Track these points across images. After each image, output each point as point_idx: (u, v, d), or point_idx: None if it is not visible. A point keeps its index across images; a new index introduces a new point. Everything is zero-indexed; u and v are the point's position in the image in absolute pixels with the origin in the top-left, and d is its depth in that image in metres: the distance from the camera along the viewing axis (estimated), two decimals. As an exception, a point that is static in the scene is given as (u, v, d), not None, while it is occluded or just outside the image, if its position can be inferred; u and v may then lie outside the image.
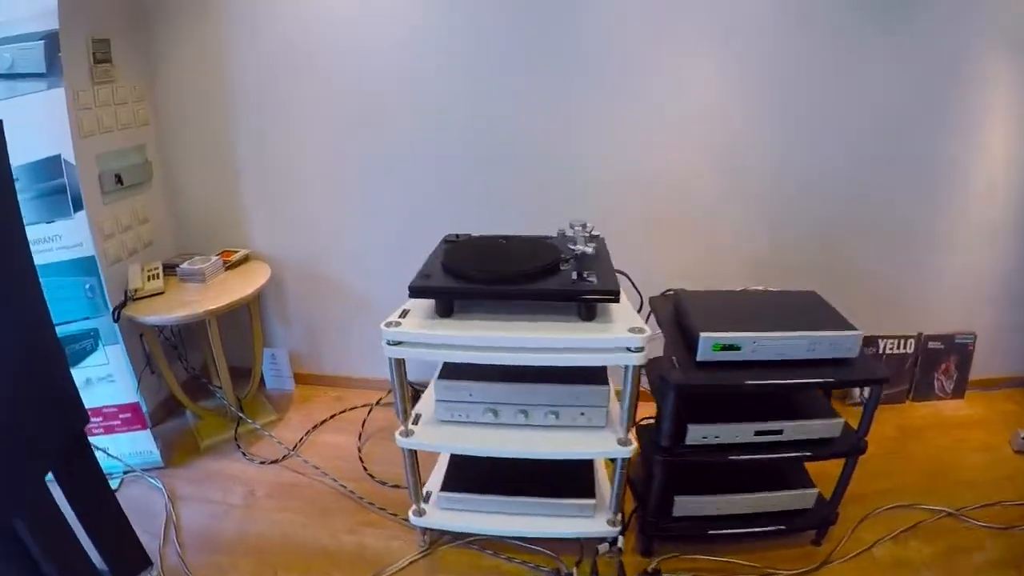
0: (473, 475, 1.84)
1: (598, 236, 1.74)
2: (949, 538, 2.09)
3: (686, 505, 1.83)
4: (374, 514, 2.03)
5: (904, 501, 2.21)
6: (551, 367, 1.51)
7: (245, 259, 2.51)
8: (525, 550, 1.87)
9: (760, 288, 2.07)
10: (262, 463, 2.28)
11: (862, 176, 2.46)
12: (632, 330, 1.47)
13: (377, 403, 2.63)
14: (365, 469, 2.24)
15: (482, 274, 1.49)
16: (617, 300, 1.48)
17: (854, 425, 1.81)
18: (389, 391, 2.66)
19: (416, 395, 2.56)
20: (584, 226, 1.74)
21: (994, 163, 2.51)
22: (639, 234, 2.41)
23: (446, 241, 1.82)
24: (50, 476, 1.38)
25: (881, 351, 2.69)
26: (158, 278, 2.26)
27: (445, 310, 1.51)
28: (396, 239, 2.50)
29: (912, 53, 2.29)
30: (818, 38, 2.26)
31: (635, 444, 1.65)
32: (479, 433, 1.65)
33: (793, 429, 1.76)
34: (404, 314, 1.54)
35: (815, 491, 1.94)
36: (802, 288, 1.97)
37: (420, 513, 1.78)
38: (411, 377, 2.58)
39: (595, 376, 1.64)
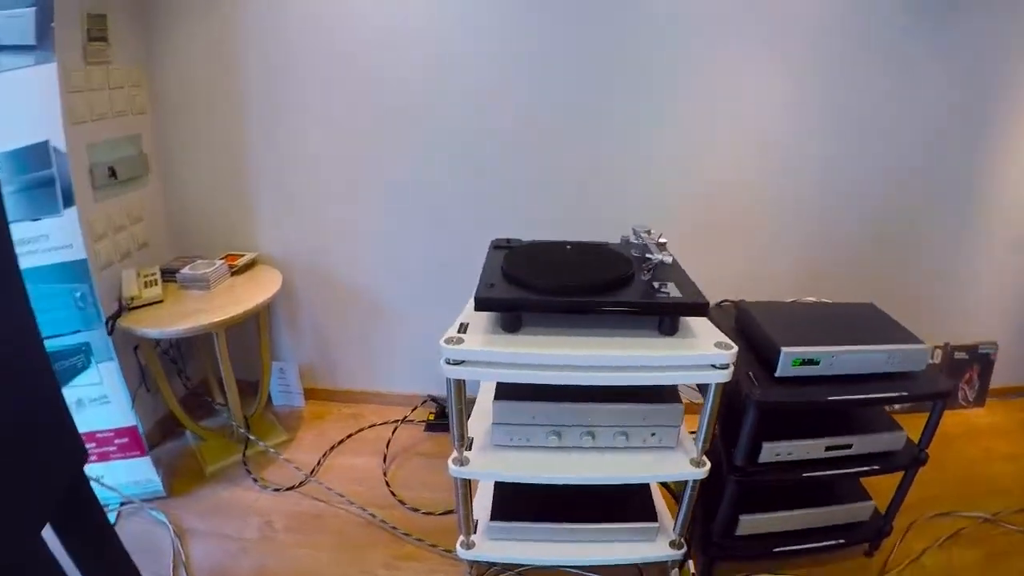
0: (523, 501, 1.67)
1: (665, 244, 1.59)
2: (989, 544, 2.08)
3: (751, 524, 1.72)
4: (410, 546, 1.84)
5: (943, 509, 2.18)
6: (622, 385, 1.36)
7: (252, 263, 2.29)
8: (579, 580, 1.72)
9: (812, 299, 1.98)
10: (277, 490, 2.06)
11: (898, 189, 2.44)
12: (719, 345, 1.34)
13: (403, 420, 2.43)
14: (394, 495, 2.04)
15: (555, 285, 1.32)
16: (706, 313, 1.33)
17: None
18: (415, 408, 2.47)
19: (441, 411, 2.40)
20: (649, 232, 1.59)
21: (1020, 176, 2.52)
22: (681, 242, 2.27)
23: (497, 247, 1.65)
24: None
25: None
26: (156, 284, 2.03)
27: (512, 324, 1.34)
28: (419, 244, 2.32)
29: (952, 68, 2.28)
30: (869, 52, 2.22)
31: (708, 464, 1.51)
32: (542, 458, 1.49)
33: (861, 443, 1.66)
34: (463, 328, 1.36)
35: (872, 504, 1.86)
36: (853, 299, 1.91)
37: (469, 546, 1.60)
38: (436, 391, 2.46)
39: (668, 394, 1.50)
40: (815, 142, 2.33)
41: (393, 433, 2.36)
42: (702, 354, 1.32)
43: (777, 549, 1.75)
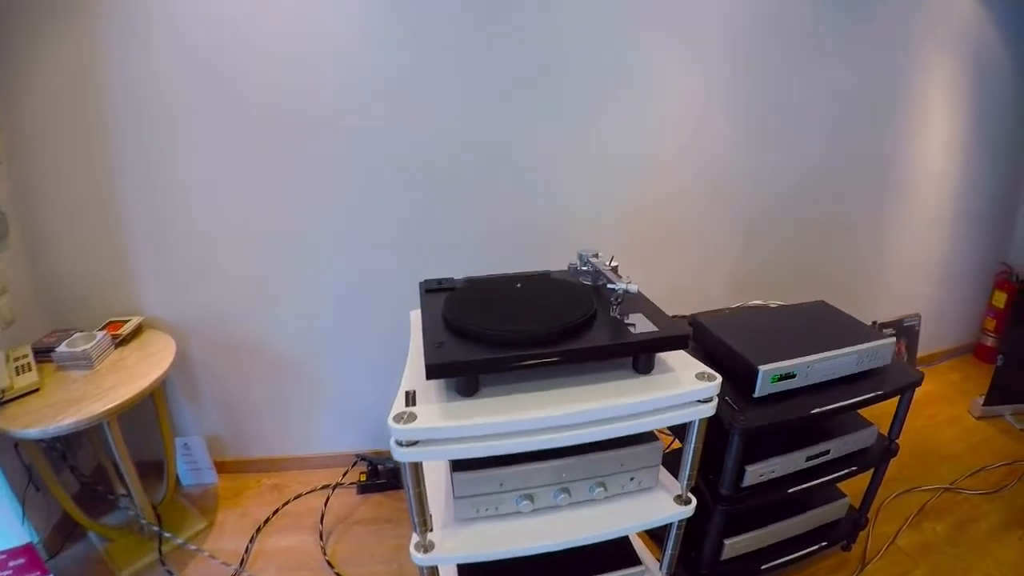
0: (495, 571, 1.45)
1: (617, 267, 1.41)
2: (955, 512, 2.12)
3: (736, 546, 1.60)
4: None
5: (904, 487, 2.19)
6: None
7: (139, 330, 1.92)
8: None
9: (759, 302, 1.89)
10: None
11: (819, 180, 2.48)
12: (701, 377, 1.18)
13: (334, 487, 2.12)
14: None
15: (517, 335, 1.11)
16: (687, 345, 1.16)
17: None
18: (346, 472, 2.18)
19: (374, 469, 2.13)
20: (598, 255, 1.42)
21: (928, 158, 2.66)
22: (617, 257, 2.15)
23: (429, 291, 1.41)
24: None
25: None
26: (30, 369, 1.66)
27: (470, 387, 1.12)
28: (327, 292, 2.05)
29: (862, 62, 2.35)
30: (782, 51, 2.22)
31: (694, 500, 1.35)
32: (515, 527, 1.28)
33: (838, 446, 1.57)
34: (411, 399, 1.12)
35: (846, 500, 1.80)
36: (791, 293, 1.86)
37: (441, 634, 1.37)
38: (364, 448, 2.19)
39: (644, 433, 1.32)
40: (735, 142, 2.30)
41: (326, 504, 2.07)
42: (686, 391, 1.16)
43: (764, 566, 1.64)
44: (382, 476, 2.12)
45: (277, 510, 2.03)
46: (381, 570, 1.77)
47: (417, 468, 1.13)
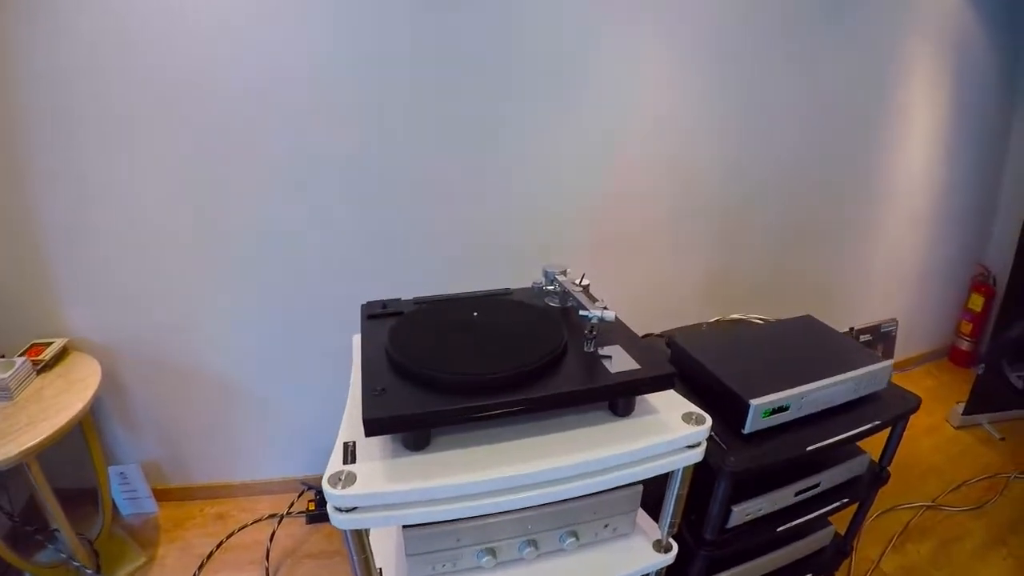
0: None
1: (589, 286, 1.23)
2: (938, 531, 2.03)
3: (722, 587, 1.43)
4: None
5: (885, 505, 2.08)
6: None
7: (63, 353, 1.70)
8: None
9: (737, 316, 1.74)
10: None
11: (797, 183, 2.36)
12: (688, 419, 1.01)
13: (281, 517, 1.92)
14: (289, 621, 1.56)
15: (476, 378, 0.93)
16: (673, 385, 0.99)
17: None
18: (292, 503, 1.99)
19: (322, 498, 1.93)
20: (566, 273, 1.24)
21: (911, 158, 2.55)
22: (581, 266, 1.98)
23: (372, 316, 1.21)
24: None
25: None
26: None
27: (419, 441, 0.93)
28: (272, 308, 1.85)
29: (840, 64, 2.23)
30: (761, 51, 2.08)
31: (676, 546, 1.19)
32: (477, 588, 1.10)
33: (829, 477, 1.42)
34: (350, 453, 0.94)
35: (832, 528, 1.65)
36: (767, 303, 1.75)
37: None
38: (312, 472, 2.00)
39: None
40: (707, 141, 2.15)
41: (271, 538, 1.86)
42: (672, 438, 0.99)
43: (749, 606, 1.49)
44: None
45: (221, 544, 1.83)
46: None
47: (360, 535, 0.95)
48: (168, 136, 1.62)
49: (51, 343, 1.71)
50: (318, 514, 1.94)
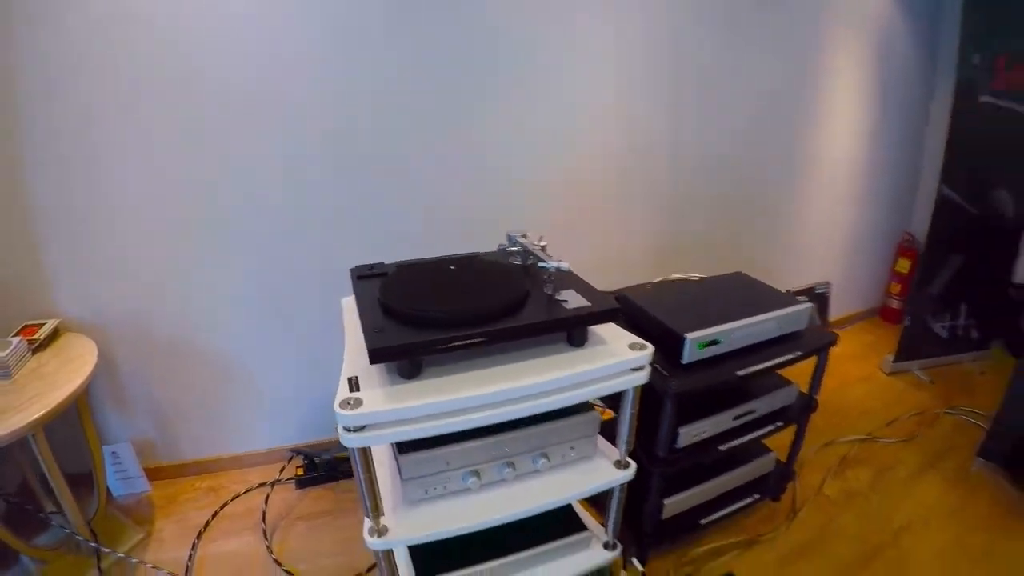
0: (446, 549, 1.52)
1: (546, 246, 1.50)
2: (874, 461, 2.36)
3: (675, 505, 1.75)
4: None
5: (825, 440, 2.39)
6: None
7: (55, 334, 1.86)
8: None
9: (679, 275, 2.03)
10: None
11: (736, 157, 2.69)
12: (634, 347, 1.29)
13: (273, 484, 2.14)
14: (291, 574, 1.79)
15: (457, 316, 1.18)
16: (618, 318, 1.27)
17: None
18: (283, 467, 2.20)
19: (311, 462, 2.16)
20: (526, 236, 1.50)
21: (838, 135, 2.95)
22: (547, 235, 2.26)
23: (361, 277, 1.46)
24: None
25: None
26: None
27: (413, 369, 1.18)
28: (251, 285, 2.05)
29: (776, 47, 2.58)
30: (706, 28, 2.38)
31: (634, 464, 1.47)
32: (464, 504, 1.36)
33: (762, 405, 1.74)
34: (354, 384, 1.18)
35: (773, 455, 1.96)
36: (710, 266, 2.08)
37: (402, 614, 1.43)
38: (299, 441, 2.21)
39: (580, 405, 1.42)
40: (655, 118, 2.44)
41: (266, 501, 2.09)
42: (620, 360, 1.26)
43: (703, 521, 1.80)
44: (319, 469, 2.15)
45: (216, 513, 2.03)
46: (330, 563, 1.82)
47: (366, 453, 1.19)
48: (153, 120, 1.79)
49: (44, 323, 1.86)
50: (307, 478, 2.15)
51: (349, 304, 1.52)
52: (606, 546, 1.64)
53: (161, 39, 1.73)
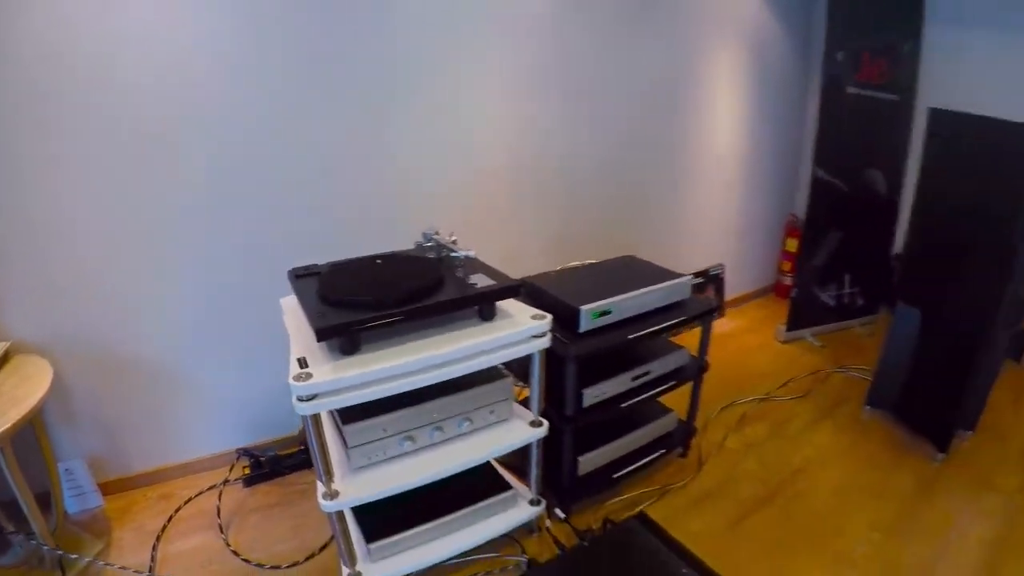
0: (387, 516, 1.84)
1: (456, 240, 1.86)
2: (771, 416, 2.82)
3: (589, 462, 2.12)
4: None
5: (726, 402, 2.84)
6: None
7: (6, 356, 2.06)
8: (466, 565, 1.97)
9: (576, 263, 2.42)
10: None
11: (627, 153, 3.17)
12: (535, 317, 1.66)
13: (224, 483, 2.38)
14: (249, 561, 2.04)
15: (385, 299, 1.51)
16: (519, 293, 1.63)
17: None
18: (231, 466, 2.46)
19: (256, 461, 2.42)
20: (438, 232, 1.86)
21: (719, 129, 3.49)
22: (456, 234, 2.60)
23: (299, 276, 1.77)
24: None
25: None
26: None
27: (352, 346, 1.50)
28: (193, 295, 2.29)
29: (660, 46, 3.06)
30: (591, 37, 2.84)
31: (546, 422, 1.84)
32: (402, 466, 1.69)
33: (657, 367, 2.13)
34: (303, 363, 1.49)
35: (674, 414, 2.36)
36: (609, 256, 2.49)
37: (357, 575, 1.73)
38: (245, 442, 2.47)
39: (494, 374, 1.79)
40: (554, 129, 2.87)
41: (219, 498, 2.33)
42: (524, 328, 1.63)
43: (616, 475, 2.17)
44: (265, 466, 2.41)
45: (171, 517, 2.25)
46: (284, 548, 2.09)
47: (318, 421, 1.50)
48: (85, 134, 1.99)
49: None
50: (254, 476, 2.40)
51: (288, 302, 1.83)
52: (531, 503, 2.00)
53: (88, 75, 1.99)
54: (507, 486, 2.00)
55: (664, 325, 2.02)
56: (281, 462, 2.41)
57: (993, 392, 2.65)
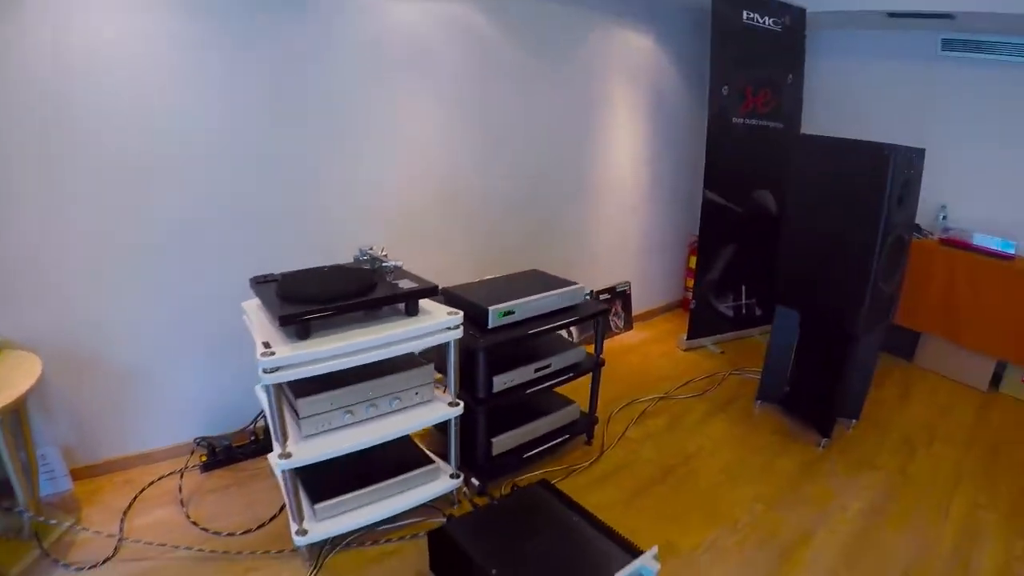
0: (328, 482, 2.41)
1: (387, 254, 2.48)
2: (670, 411, 3.51)
3: (501, 443, 2.74)
4: (246, 560, 2.41)
5: (628, 400, 3.51)
6: (384, 362, 2.24)
7: None
8: (395, 530, 2.54)
9: (490, 276, 3.07)
10: (94, 567, 2.40)
11: (536, 184, 3.93)
12: (450, 313, 2.29)
13: (185, 469, 2.91)
14: (207, 530, 2.57)
15: (333, 296, 2.12)
16: (437, 293, 2.26)
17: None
18: (192, 452, 2.99)
19: (212, 449, 2.96)
20: (372, 248, 2.48)
21: (621, 162, 4.32)
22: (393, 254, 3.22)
23: (259, 282, 2.35)
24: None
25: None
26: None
27: (304, 332, 2.09)
28: (158, 301, 2.84)
29: (563, 90, 3.84)
30: (502, 84, 3.57)
31: (461, 403, 2.45)
32: (343, 435, 2.27)
33: (557, 361, 2.78)
34: (267, 345, 2.07)
35: (576, 405, 3.01)
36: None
37: (303, 532, 2.29)
38: (203, 432, 3.01)
39: (418, 361, 2.40)
40: (472, 162, 3.58)
41: (181, 478, 2.85)
42: (441, 321, 2.26)
43: (526, 455, 2.80)
44: (220, 454, 2.94)
45: (136, 496, 2.75)
46: (240, 520, 2.60)
47: (279, 391, 2.08)
48: (72, 165, 2.52)
49: None
50: (210, 462, 2.92)
51: (249, 304, 2.41)
52: (452, 476, 2.60)
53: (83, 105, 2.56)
54: (431, 461, 2.60)
55: (559, 323, 2.68)
56: (235, 451, 2.96)
57: (883, 388, 3.43)
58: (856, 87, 4.45)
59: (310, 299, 2.12)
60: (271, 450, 2.20)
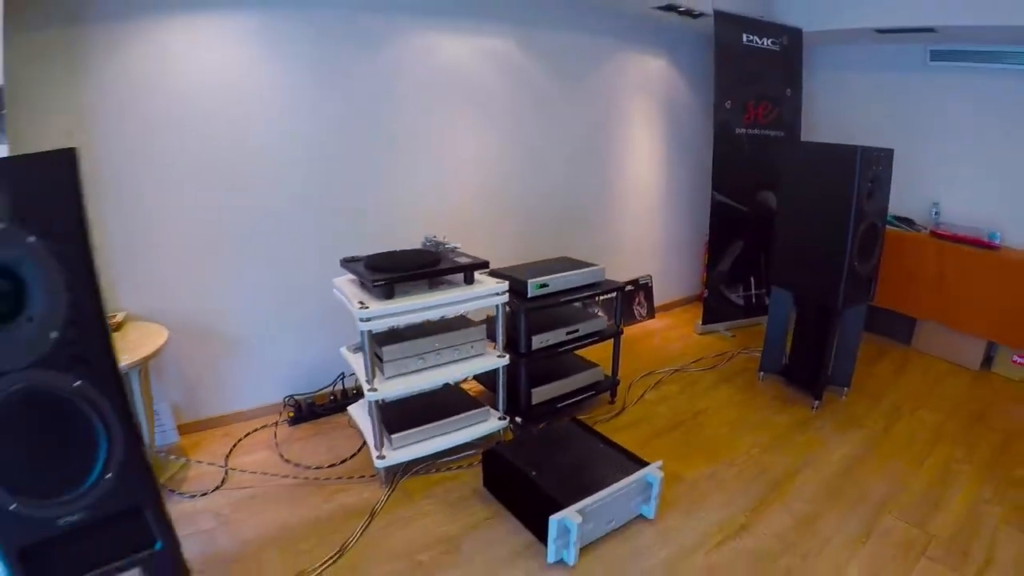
0: (400, 418, 3.37)
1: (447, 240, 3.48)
2: (683, 380, 4.42)
3: (540, 393, 3.68)
4: (333, 485, 3.32)
5: (647, 371, 4.46)
6: (446, 321, 3.24)
7: (122, 323, 3.51)
8: (454, 461, 3.46)
9: (529, 261, 4.06)
10: (204, 495, 3.30)
11: (567, 188, 4.97)
12: (498, 283, 3.27)
13: (278, 423, 3.88)
14: (299, 464, 3.49)
15: (411, 268, 3.10)
16: (488, 266, 3.26)
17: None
18: (283, 409, 3.96)
19: (298, 406, 3.94)
20: (436, 236, 3.49)
21: (640, 168, 5.35)
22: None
23: (348, 261, 3.33)
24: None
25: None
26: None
27: (389, 294, 3.06)
28: (260, 280, 3.81)
29: (587, 107, 4.91)
30: (533, 107, 4.63)
31: (508, 356, 3.42)
32: (418, 377, 3.22)
33: (583, 327, 3.76)
34: (362, 303, 3.03)
35: (600, 368, 3.97)
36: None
37: (383, 457, 3.22)
38: (292, 391, 3.99)
39: (470, 322, 3.39)
40: (511, 172, 4.62)
41: (276, 428, 3.80)
42: (490, 287, 3.24)
43: (559, 406, 3.74)
44: (305, 411, 3.88)
45: (235, 444, 3.67)
46: (326, 458, 3.49)
47: (371, 335, 3.04)
48: (186, 166, 3.49)
49: (115, 316, 3.44)
50: (297, 418, 3.84)
51: (340, 280, 3.37)
52: (499, 418, 3.56)
53: (196, 125, 3.56)
54: (483, 405, 3.55)
55: (584, 295, 3.66)
56: (317, 408, 3.93)
57: (879, 364, 4.34)
58: (852, 96, 5.43)
59: (393, 268, 3.10)
60: (349, 405, 3.16)
